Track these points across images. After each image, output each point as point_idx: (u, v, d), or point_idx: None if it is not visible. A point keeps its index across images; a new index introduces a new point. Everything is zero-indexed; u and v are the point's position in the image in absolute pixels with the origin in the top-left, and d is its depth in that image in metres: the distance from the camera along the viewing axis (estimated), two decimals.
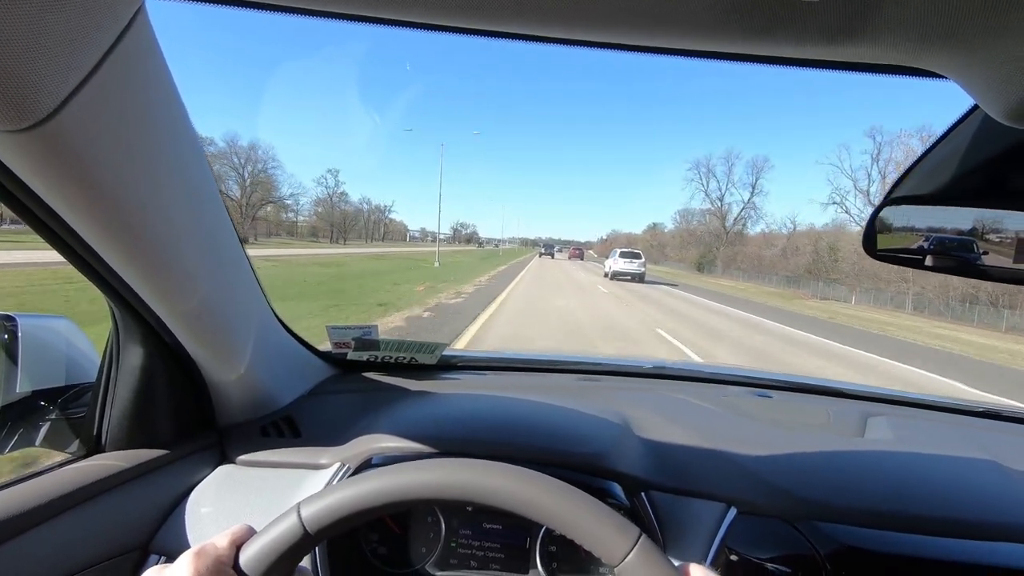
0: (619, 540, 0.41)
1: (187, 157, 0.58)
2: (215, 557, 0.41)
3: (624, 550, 0.40)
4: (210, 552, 0.41)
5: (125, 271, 0.60)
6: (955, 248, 0.57)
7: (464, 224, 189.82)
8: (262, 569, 0.41)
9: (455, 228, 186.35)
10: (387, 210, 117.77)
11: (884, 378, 7.09)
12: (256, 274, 0.83)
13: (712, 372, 1.35)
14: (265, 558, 0.42)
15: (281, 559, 0.42)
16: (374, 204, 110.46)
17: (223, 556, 0.42)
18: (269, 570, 0.42)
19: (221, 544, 0.43)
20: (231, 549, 0.43)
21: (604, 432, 0.86)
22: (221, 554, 0.42)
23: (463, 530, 0.79)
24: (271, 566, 0.42)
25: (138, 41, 0.45)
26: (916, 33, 0.38)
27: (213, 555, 0.41)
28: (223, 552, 0.42)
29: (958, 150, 0.51)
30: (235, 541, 0.43)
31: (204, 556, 0.41)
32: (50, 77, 0.38)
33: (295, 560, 0.43)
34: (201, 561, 0.40)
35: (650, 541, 0.41)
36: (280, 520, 0.43)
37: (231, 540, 0.43)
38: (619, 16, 0.40)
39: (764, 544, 0.71)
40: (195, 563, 0.40)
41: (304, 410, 0.96)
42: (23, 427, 0.75)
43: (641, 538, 0.41)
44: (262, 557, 0.42)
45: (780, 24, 0.39)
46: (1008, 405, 1.35)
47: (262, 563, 0.42)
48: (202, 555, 0.41)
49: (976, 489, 0.80)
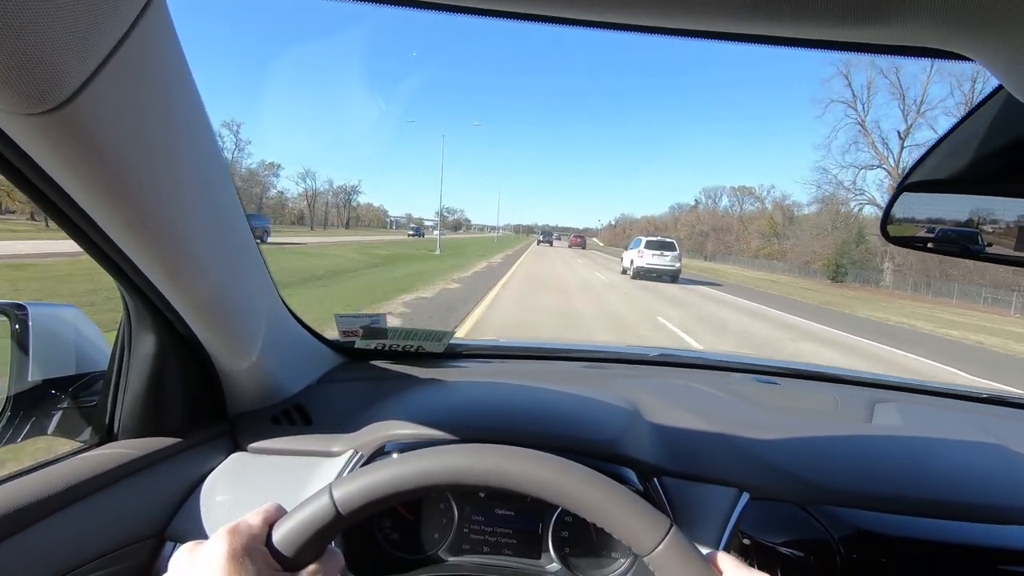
0: (651, 530, 0.41)
1: (201, 143, 0.58)
2: (249, 535, 0.42)
3: (655, 540, 0.41)
4: (244, 530, 0.42)
5: (138, 258, 0.60)
6: (958, 238, 0.57)
7: (451, 209, 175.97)
8: (295, 548, 0.42)
9: (440, 214, 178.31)
10: (354, 192, 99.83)
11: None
12: (266, 263, 0.83)
13: (717, 359, 1.36)
14: (297, 537, 0.42)
15: (313, 538, 0.43)
16: (336, 185, 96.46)
17: (257, 534, 0.43)
18: (301, 549, 0.42)
19: (254, 522, 0.43)
20: (264, 527, 0.44)
21: (616, 418, 0.86)
22: (255, 532, 0.43)
23: (475, 516, 0.80)
24: (304, 545, 0.42)
25: (155, 23, 0.44)
26: (943, 15, 0.37)
27: (247, 533, 0.42)
28: (257, 530, 0.43)
29: (979, 132, 0.50)
30: (268, 520, 0.44)
31: (238, 534, 0.41)
32: (70, 60, 0.37)
33: (327, 540, 0.44)
34: (236, 538, 0.41)
35: (680, 532, 0.42)
36: (312, 500, 0.44)
37: (264, 518, 0.44)
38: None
39: (777, 528, 0.71)
40: (230, 540, 0.40)
41: (314, 398, 0.96)
42: (35, 416, 0.74)
43: (672, 529, 0.41)
44: (295, 536, 0.43)
45: (808, 7, 0.39)
46: (1012, 391, 1.36)
47: (295, 542, 0.42)
48: (236, 532, 0.41)
49: (984, 473, 0.81)
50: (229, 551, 0.39)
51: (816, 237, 40.92)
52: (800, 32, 0.45)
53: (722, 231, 54.53)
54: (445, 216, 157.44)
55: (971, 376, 7.34)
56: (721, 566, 0.43)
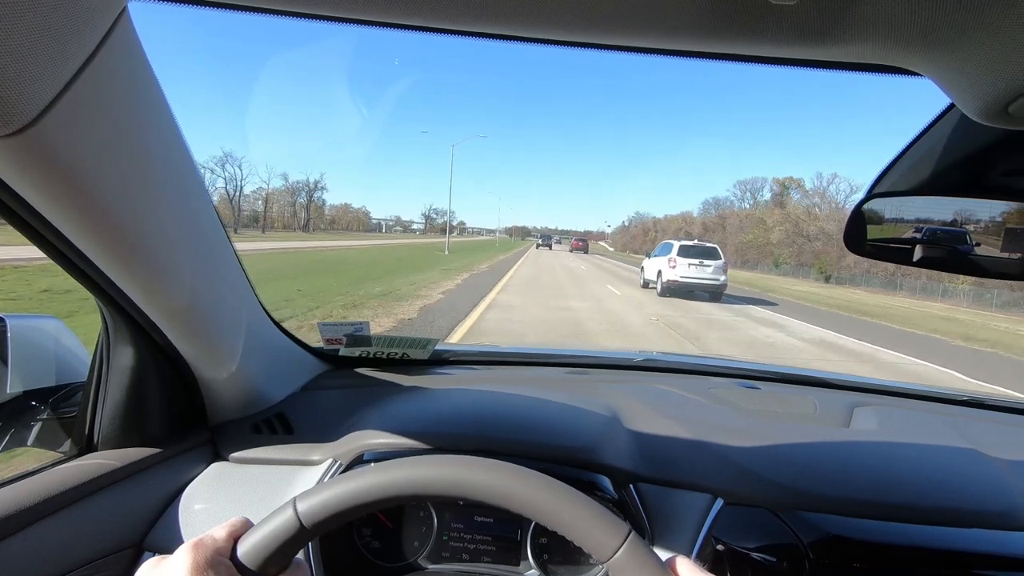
0: (609, 536, 0.41)
1: (173, 157, 0.58)
2: (213, 549, 0.42)
3: (614, 546, 0.41)
4: (208, 544, 0.42)
5: (112, 271, 0.60)
6: (944, 240, 0.58)
7: (440, 211, 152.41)
8: (259, 561, 0.42)
9: (426, 215, 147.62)
10: (317, 188, 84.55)
11: None
12: (246, 271, 0.83)
13: (701, 364, 1.37)
14: (262, 551, 0.42)
15: (278, 552, 0.42)
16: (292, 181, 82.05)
17: (221, 548, 0.42)
18: (266, 562, 0.42)
19: (219, 536, 0.43)
20: (229, 541, 0.43)
21: (593, 425, 0.87)
22: (219, 546, 0.42)
23: (455, 524, 0.80)
24: (268, 559, 0.42)
25: (121, 43, 0.45)
26: (892, 33, 0.38)
27: (211, 547, 0.42)
28: (221, 544, 0.42)
29: (935, 147, 0.52)
30: (233, 533, 0.44)
31: (202, 548, 0.41)
32: (33, 83, 0.38)
33: (291, 553, 0.44)
34: (199, 552, 0.40)
35: (639, 537, 0.42)
36: (277, 514, 0.44)
37: (229, 532, 0.44)
38: (608, 19, 0.41)
39: (750, 534, 0.72)
40: (193, 554, 0.40)
41: (296, 407, 0.97)
42: (14, 427, 0.75)
43: (631, 534, 0.42)
44: (259, 549, 0.42)
45: (760, 26, 0.40)
46: (991, 393, 1.38)
47: (259, 555, 0.42)
48: (200, 547, 0.41)
49: (956, 477, 0.82)
50: (193, 564, 0.39)
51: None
52: (760, 51, 0.46)
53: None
54: (433, 218, 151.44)
55: None
56: (679, 571, 0.43)
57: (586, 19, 0.41)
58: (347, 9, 0.43)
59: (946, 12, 0.34)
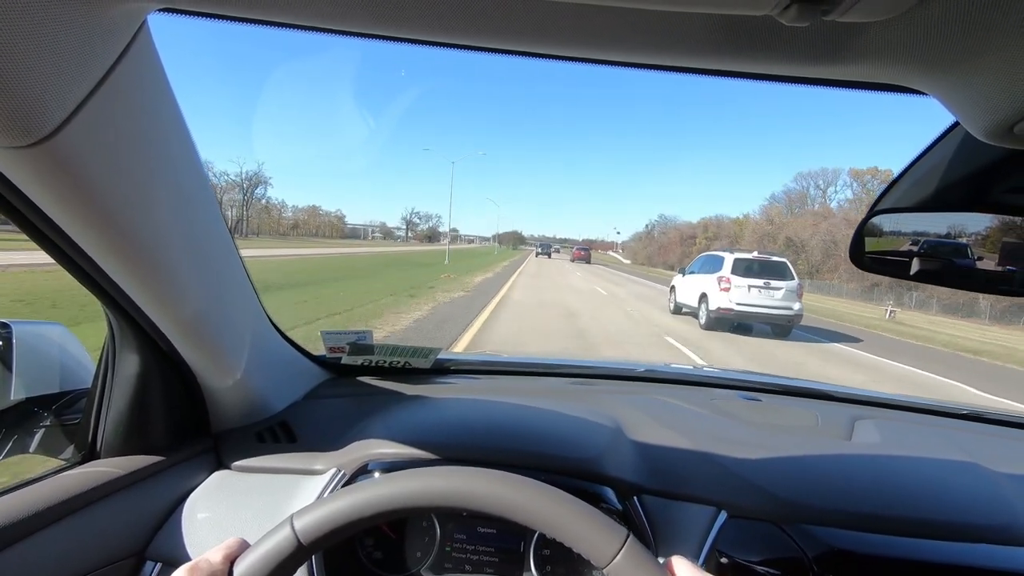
0: (607, 541, 0.41)
1: (186, 169, 0.59)
2: (209, 573, 0.41)
3: (613, 551, 0.41)
4: (204, 568, 0.41)
5: (122, 279, 0.60)
6: (944, 254, 0.59)
7: (422, 215, 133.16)
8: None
9: (407, 220, 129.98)
10: (259, 183, 68.93)
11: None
12: (252, 280, 0.83)
13: (703, 375, 1.37)
14: (259, 572, 0.42)
15: (275, 572, 0.42)
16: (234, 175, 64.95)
17: (218, 571, 0.42)
18: None
19: (215, 559, 0.43)
20: (225, 564, 0.43)
21: (597, 436, 0.87)
22: (216, 569, 0.42)
23: (458, 535, 0.80)
24: None
25: (141, 55, 0.45)
26: (900, 55, 0.39)
27: (207, 571, 0.41)
28: (217, 567, 0.42)
29: (940, 165, 0.53)
30: (229, 556, 0.44)
31: (198, 571, 0.41)
32: (54, 94, 0.38)
33: (290, 572, 0.43)
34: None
35: (638, 542, 0.42)
36: (273, 533, 0.43)
37: (225, 555, 0.43)
38: (619, 36, 0.42)
39: (753, 547, 0.72)
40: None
41: (299, 415, 0.96)
42: (17, 434, 0.75)
43: (629, 539, 0.42)
44: (257, 570, 0.42)
45: (770, 46, 0.41)
46: (992, 407, 1.38)
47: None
48: (196, 571, 0.41)
49: (957, 492, 0.82)
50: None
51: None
52: (772, 69, 0.47)
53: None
54: (416, 223, 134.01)
55: None
56: (677, 571, 0.43)
57: (594, 37, 0.42)
58: (343, 22, 0.43)
59: (955, 36, 0.35)
